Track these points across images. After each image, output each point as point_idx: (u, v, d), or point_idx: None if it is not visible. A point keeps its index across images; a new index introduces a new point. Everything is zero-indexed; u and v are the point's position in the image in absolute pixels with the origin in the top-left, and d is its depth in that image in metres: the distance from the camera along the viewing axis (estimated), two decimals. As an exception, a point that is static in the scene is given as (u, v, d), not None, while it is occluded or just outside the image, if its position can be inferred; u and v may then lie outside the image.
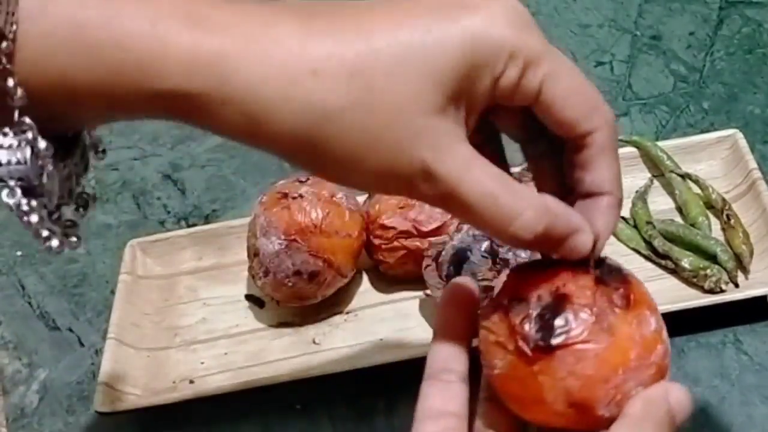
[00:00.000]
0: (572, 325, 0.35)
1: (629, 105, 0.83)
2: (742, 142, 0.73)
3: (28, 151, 0.33)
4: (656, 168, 0.74)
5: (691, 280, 0.66)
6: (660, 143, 0.74)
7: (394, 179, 0.37)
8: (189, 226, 0.79)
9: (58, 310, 0.75)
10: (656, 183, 0.74)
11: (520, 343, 0.35)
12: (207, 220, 0.80)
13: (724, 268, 0.66)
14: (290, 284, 0.66)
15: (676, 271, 0.67)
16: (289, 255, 0.65)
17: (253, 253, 0.68)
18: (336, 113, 0.35)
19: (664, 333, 0.38)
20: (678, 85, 0.84)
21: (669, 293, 0.67)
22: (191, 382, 0.67)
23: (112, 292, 0.72)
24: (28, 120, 0.32)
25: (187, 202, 0.82)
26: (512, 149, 0.81)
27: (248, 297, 0.72)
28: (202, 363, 0.69)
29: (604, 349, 0.34)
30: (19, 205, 0.33)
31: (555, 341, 0.34)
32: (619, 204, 0.42)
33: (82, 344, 0.72)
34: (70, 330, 0.73)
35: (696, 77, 0.85)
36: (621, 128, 0.81)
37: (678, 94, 0.83)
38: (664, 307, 0.63)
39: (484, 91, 0.38)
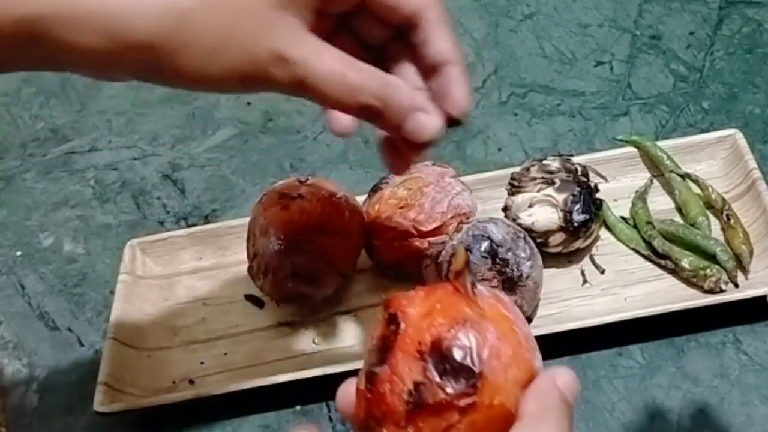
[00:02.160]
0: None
1: (629, 105, 0.83)
2: (742, 142, 0.73)
3: None
4: (656, 168, 0.74)
5: (691, 280, 0.66)
6: (660, 143, 0.74)
7: (252, 68, 0.41)
8: (189, 226, 0.79)
9: (57, 310, 0.75)
10: (656, 183, 0.74)
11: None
12: (207, 220, 0.80)
13: (724, 268, 0.66)
14: (290, 284, 0.66)
15: (675, 271, 0.67)
16: (288, 255, 0.65)
17: (253, 253, 0.68)
18: (190, 14, 0.40)
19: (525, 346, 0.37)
20: (678, 84, 0.84)
21: (669, 293, 0.67)
22: (191, 382, 0.67)
23: (112, 292, 0.72)
24: None
25: (186, 202, 0.82)
26: (513, 149, 0.81)
27: (248, 297, 0.72)
28: (202, 363, 0.69)
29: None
30: None
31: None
32: (464, 68, 0.47)
33: (81, 344, 0.72)
34: (70, 330, 0.73)
35: (696, 77, 0.85)
36: (621, 128, 0.81)
37: (678, 94, 0.83)
38: (664, 307, 0.63)
39: None
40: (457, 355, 0.34)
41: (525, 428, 0.33)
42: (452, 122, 0.46)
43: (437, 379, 0.34)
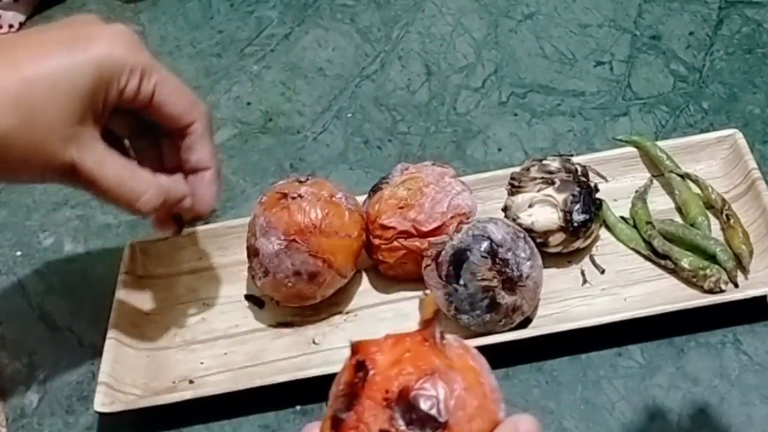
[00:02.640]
0: None
1: (629, 105, 0.83)
2: (742, 142, 0.73)
3: None
4: (656, 168, 0.74)
5: (691, 280, 0.66)
6: (660, 143, 0.74)
7: (56, 173, 0.54)
8: (189, 225, 0.79)
9: (58, 309, 0.75)
10: (656, 183, 0.74)
11: None
12: (207, 220, 0.80)
13: (724, 268, 0.66)
14: (290, 284, 0.66)
15: (675, 271, 0.67)
16: (288, 255, 0.65)
17: (253, 254, 0.68)
18: (7, 133, 0.50)
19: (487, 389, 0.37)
20: (678, 84, 0.84)
21: (669, 293, 0.67)
22: (191, 382, 0.67)
23: (112, 292, 0.72)
24: None
25: (186, 202, 0.82)
26: (512, 149, 0.81)
27: (248, 297, 0.72)
28: (202, 363, 0.69)
29: None
30: None
31: None
32: (218, 174, 0.62)
33: (81, 344, 0.72)
34: (70, 330, 0.73)
35: (696, 77, 0.85)
36: (621, 128, 0.81)
37: (678, 94, 0.83)
38: (664, 307, 0.64)
39: (112, 100, 0.54)
40: (424, 405, 0.34)
41: None
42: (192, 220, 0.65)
43: (403, 427, 0.34)
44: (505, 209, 0.71)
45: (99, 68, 0.52)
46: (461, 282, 0.63)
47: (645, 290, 0.67)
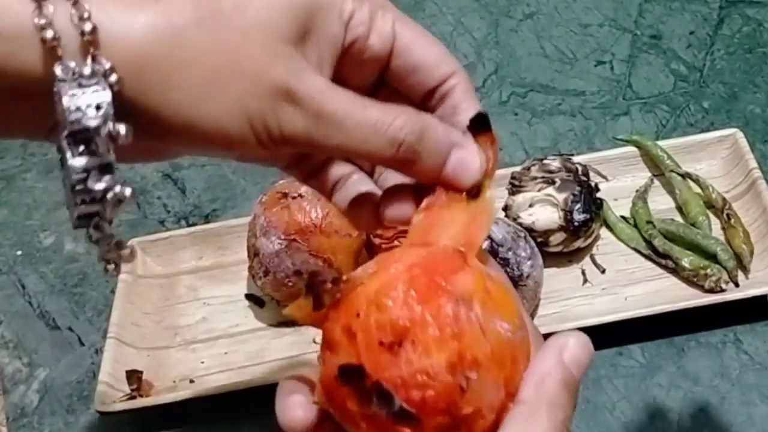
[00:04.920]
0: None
1: (629, 104, 0.83)
2: (743, 142, 0.73)
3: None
4: (656, 167, 0.74)
5: (692, 279, 0.66)
6: (660, 142, 0.74)
7: (258, 104, 0.33)
8: (189, 225, 0.79)
9: (58, 309, 0.75)
10: (656, 182, 0.74)
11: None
12: (207, 219, 0.80)
13: (725, 268, 0.66)
14: (290, 284, 0.66)
15: (676, 270, 0.67)
16: (289, 255, 0.65)
17: (253, 253, 0.67)
18: (185, 32, 0.33)
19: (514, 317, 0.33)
20: (678, 84, 0.84)
21: (669, 293, 0.67)
22: (191, 381, 0.67)
23: (112, 292, 0.72)
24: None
25: (187, 201, 0.82)
26: (513, 149, 0.81)
27: (248, 296, 0.72)
28: (202, 362, 0.69)
29: None
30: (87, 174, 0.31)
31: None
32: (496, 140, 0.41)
33: (82, 343, 0.72)
34: (70, 329, 0.73)
35: (696, 76, 0.85)
36: (621, 127, 0.81)
37: (678, 94, 0.83)
38: (665, 307, 0.63)
39: (333, 35, 0.36)
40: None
41: (519, 421, 0.31)
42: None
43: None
44: (505, 209, 0.71)
45: None
46: (462, 281, 0.63)
47: (645, 290, 0.67)
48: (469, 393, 0.30)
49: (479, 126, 0.37)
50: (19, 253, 0.80)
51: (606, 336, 0.64)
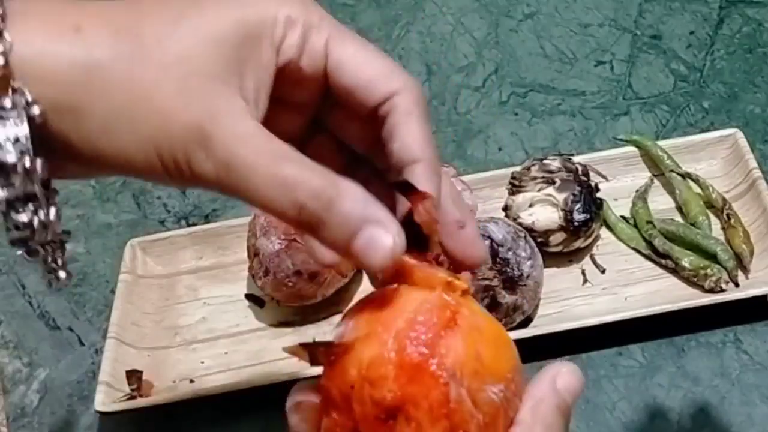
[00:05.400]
0: None
1: (629, 104, 0.83)
2: (743, 142, 0.73)
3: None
4: (656, 167, 0.74)
5: (692, 279, 0.66)
6: (660, 142, 0.74)
7: (167, 143, 0.32)
8: (189, 225, 0.79)
9: (58, 309, 0.75)
10: (656, 182, 0.74)
11: None
12: (207, 219, 0.80)
13: (725, 268, 0.66)
14: (290, 284, 0.66)
15: (676, 270, 0.67)
16: (289, 255, 0.65)
17: (254, 253, 0.68)
18: (101, 65, 0.32)
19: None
20: (678, 84, 0.84)
21: (669, 293, 0.67)
22: (191, 381, 0.67)
23: (113, 292, 0.72)
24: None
25: (187, 201, 0.82)
26: (513, 149, 0.81)
27: (248, 296, 0.72)
28: (202, 362, 0.69)
29: None
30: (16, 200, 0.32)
31: None
32: (436, 169, 0.36)
33: (82, 343, 0.72)
34: (71, 329, 0.73)
35: (696, 76, 0.85)
36: (621, 127, 0.81)
37: (678, 94, 0.83)
38: (665, 307, 0.63)
39: (266, 62, 0.35)
40: None
41: None
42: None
43: None
44: (505, 209, 0.70)
45: (243, 12, 0.35)
46: (462, 281, 0.63)
47: (645, 290, 0.67)
48: None
49: (405, 188, 0.35)
50: (19, 253, 0.80)
51: (606, 336, 0.64)
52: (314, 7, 0.37)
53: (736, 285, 0.65)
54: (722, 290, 0.65)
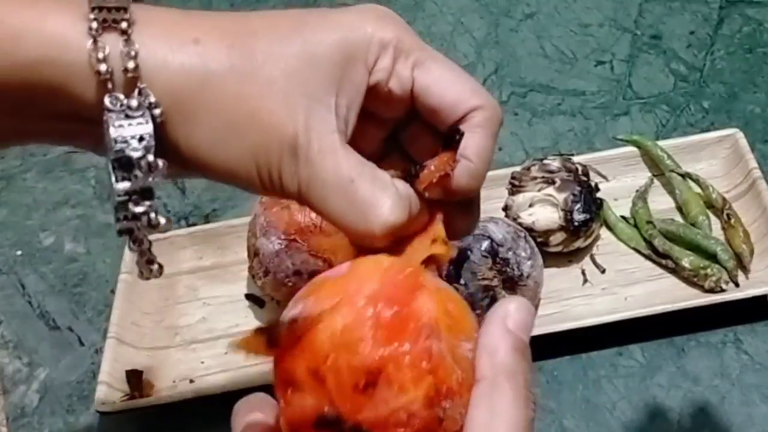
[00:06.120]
0: None
1: (629, 104, 0.83)
2: (743, 142, 0.73)
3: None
4: (656, 167, 0.74)
5: (692, 279, 0.66)
6: (660, 142, 0.74)
7: (266, 158, 0.36)
8: (189, 225, 0.79)
9: (58, 309, 0.75)
10: (656, 182, 0.74)
11: None
12: (207, 219, 0.80)
13: (725, 268, 0.66)
14: (290, 284, 0.66)
15: (676, 270, 0.67)
16: (289, 255, 0.65)
17: (253, 253, 0.67)
18: (215, 77, 0.35)
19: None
20: (678, 84, 0.84)
21: (669, 293, 0.67)
22: (191, 381, 0.67)
23: (112, 292, 0.72)
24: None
25: (187, 201, 0.82)
26: (513, 149, 0.81)
27: (248, 296, 0.72)
28: (202, 362, 0.69)
29: None
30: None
31: None
32: (482, 175, 0.41)
33: (82, 343, 0.72)
34: (70, 329, 0.73)
35: (696, 76, 0.85)
36: (621, 127, 0.81)
37: (678, 94, 0.83)
38: (665, 307, 0.63)
39: (359, 81, 0.38)
40: None
41: (484, 397, 0.32)
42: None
43: None
44: (505, 208, 0.70)
45: (342, 38, 0.38)
46: (462, 281, 0.63)
47: (645, 290, 0.67)
48: (446, 421, 0.30)
49: (449, 141, 0.37)
50: (19, 253, 0.80)
51: (606, 336, 0.64)
52: (406, 32, 0.40)
53: (736, 285, 0.65)
54: (722, 290, 0.65)
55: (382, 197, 0.36)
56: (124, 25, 0.34)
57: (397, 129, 0.41)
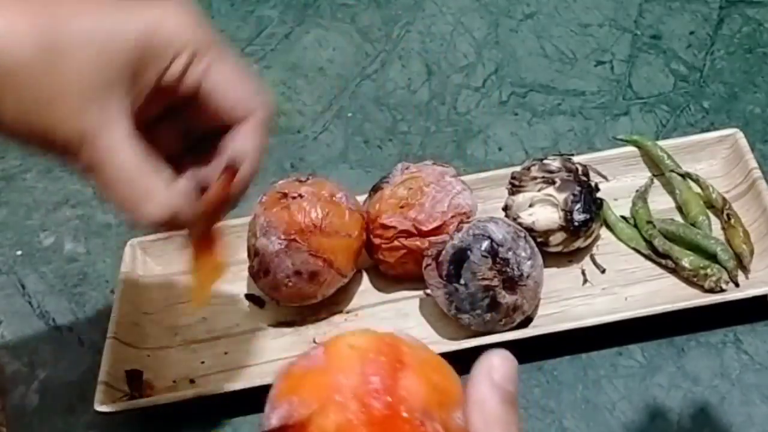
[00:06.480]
0: None
1: (629, 104, 0.83)
2: (743, 142, 0.73)
3: None
4: (656, 167, 0.74)
5: (692, 279, 0.66)
6: (660, 142, 0.74)
7: (58, 141, 0.43)
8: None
9: (58, 309, 0.75)
10: (656, 182, 0.74)
11: None
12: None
13: (725, 268, 0.66)
14: (290, 284, 0.66)
15: (676, 270, 0.67)
16: (289, 255, 0.65)
17: (253, 253, 0.67)
18: (20, 66, 0.40)
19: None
20: (678, 84, 0.84)
21: (669, 293, 0.67)
22: (191, 381, 0.67)
23: (112, 292, 0.72)
24: None
25: (187, 201, 0.82)
26: (513, 149, 0.81)
27: (248, 296, 0.72)
28: (203, 362, 0.69)
29: None
30: None
31: None
32: (251, 176, 0.49)
33: (82, 343, 0.72)
34: (70, 329, 0.73)
35: (696, 76, 0.85)
36: (621, 127, 0.81)
37: (678, 94, 0.83)
38: (665, 307, 0.64)
39: (149, 80, 0.45)
40: None
41: None
42: None
43: None
44: (505, 209, 0.71)
45: (142, 38, 0.44)
46: (462, 281, 0.63)
47: (645, 290, 0.67)
48: None
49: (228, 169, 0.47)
50: (19, 253, 0.80)
51: (606, 336, 0.64)
52: (203, 36, 0.46)
53: (736, 285, 0.65)
54: (722, 290, 0.65)
55: (154, 193, 0.44)
56: None
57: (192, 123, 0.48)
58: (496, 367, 0.33)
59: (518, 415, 0.33)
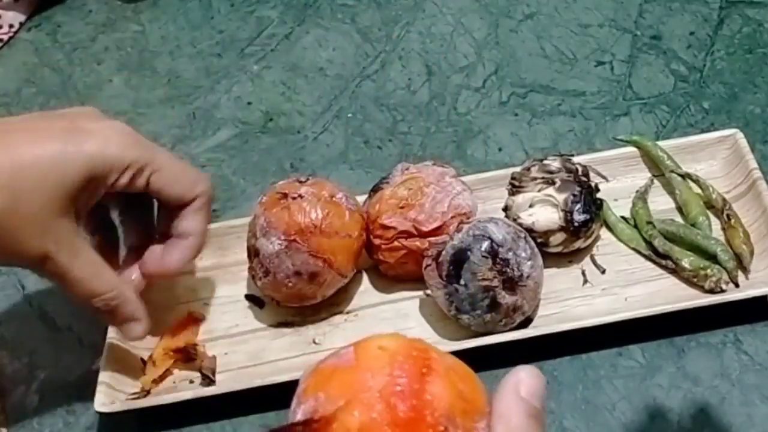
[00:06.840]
0: None
1: (629, 105, 0.83)
2: (743, 142, 0.73)
3: None
4: (656, 168, 0.74)
5: (692, 280, 0.66)
6: (660, 143, 0.74)
7: (23, 261, 0.56)
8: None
9: (58, 309, 0.75)
10: (656, 183, 0.74)
11: None
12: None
13: (725, 268, 0.66)
14: (290, 284, 0.66)
15: (676, 270, 0.67)
16: (289, 255, 0.65)
17: (253, 254, 0.67)
18: None
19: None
20: (678, 84, 0.84)
21: (669, 293, 0.67)
22: (191, 381, 0.67)
23: (112, 292, 0.71)
24: None
25: (187, 201, 0.82)
26: (513, 149, 0.81)
27: (248, 297, 0.72)
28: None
29: None
30: None
31: None
32: (200, 248, 0.64)
33: (82, 344, 0.72)
34: (71, 330, 0.73)
35: (696, 77, 0.85)
36: (621, 128, 0.81)
37: (678, 94, 0.83)
38: (665, 307, 0.64)
39: (100, 195, 0.56)
40: None
41: None
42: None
43: None
44: (505, 209, 0.71)
45: (90, 166, 0.54)
46: (462, 282, 0.63)
47: (645, 290, 0.67)
48: None
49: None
50: None
51: (606, 336, 0.64)
52: (144, 151, 0.57)
53: (736, 285, 0.66)
54: (722, 291, 0.65)
55: (105, 291, 0.59)
56: None
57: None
58: (524, 382, 0.33)
59: (544, 429, 0.33)
